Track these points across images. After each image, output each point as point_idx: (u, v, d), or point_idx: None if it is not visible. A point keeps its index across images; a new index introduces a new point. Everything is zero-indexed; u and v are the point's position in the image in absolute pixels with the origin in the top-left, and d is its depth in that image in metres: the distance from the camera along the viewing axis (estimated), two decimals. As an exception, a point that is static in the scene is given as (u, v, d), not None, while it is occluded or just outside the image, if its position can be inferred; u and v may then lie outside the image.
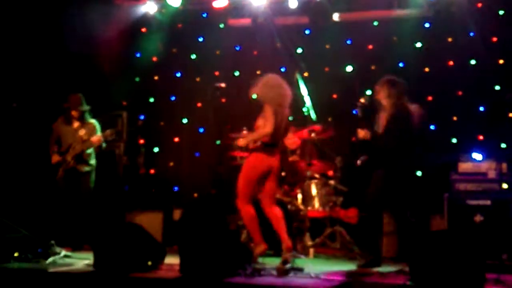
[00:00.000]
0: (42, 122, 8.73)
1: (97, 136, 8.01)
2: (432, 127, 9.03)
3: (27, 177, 8.59)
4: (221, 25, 10.02)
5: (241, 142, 7.06)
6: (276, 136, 6.82)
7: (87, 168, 8.13)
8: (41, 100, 8.83)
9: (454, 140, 8.93)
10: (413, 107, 6.84)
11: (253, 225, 6.86)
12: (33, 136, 8.67)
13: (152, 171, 10.02)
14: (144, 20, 9.94)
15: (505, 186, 7.36)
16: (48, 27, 8.61)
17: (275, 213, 6.89)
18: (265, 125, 6.78)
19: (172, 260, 6.57)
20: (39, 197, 8.58)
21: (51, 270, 6.29)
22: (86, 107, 8.19)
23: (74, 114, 8.13)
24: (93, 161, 8.20)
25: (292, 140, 8.72)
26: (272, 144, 6.84)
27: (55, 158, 8.10)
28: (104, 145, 8.18)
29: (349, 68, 9.53)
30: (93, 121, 8.26)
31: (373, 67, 9.26)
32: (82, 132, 8.11)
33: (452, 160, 7.77)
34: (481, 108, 8.92)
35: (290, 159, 8.75)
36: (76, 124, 8.17)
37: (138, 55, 10.30)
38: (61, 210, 7.94)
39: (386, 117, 6.78)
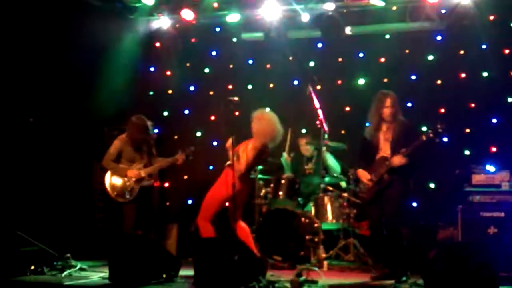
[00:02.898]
0: (59, 136, 8.82)
1: (181, 156, 7.96)
2: (445, 139, 9.03)
3: (44, 191, 8.65)
4: (234, 39, 10.10)
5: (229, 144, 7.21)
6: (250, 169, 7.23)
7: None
8: (58, 115, 8.90)
9: (467, 152, 8.93)
10: None
11: None
12: (49, 150, 8.74)
13: (166, 184, 10.08)
14: (158, 34, 10.03)
15: (518, 197, 7.36)
16: (64, 42, 8.69)
17: (244, 229, 7.21)
18: (242, 161, 7.08)
19: (187, 272, 6.61)
20: (56, 210, 8.65)
21: (67, 283, 6.31)
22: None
23: (145, 136, 7.92)
24: None
25: (306, 147, 8.80)
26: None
27: (134, 173, 7.80)
28: None
29: (361, 81, 9.58)
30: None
31: (385, 80, 9.27)
32: (143, 150, 7.99)
33: (465, 172, 7.76)
34: (494, 120, 8.91)
35: (306, 167, 8.79)
36: (138, 142, 7.93)
37: (152, 69, 10.39)
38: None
39: (397, 130, 6.77)
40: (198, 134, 10.26)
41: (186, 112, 10.44)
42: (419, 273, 6.21)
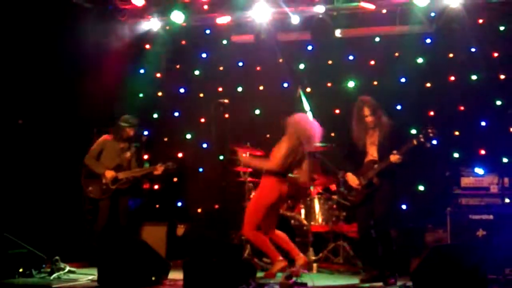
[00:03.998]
0: (48, 139, 8.79)
1: (160, 167, 8.09)
2: (434, 141, 9.05)
3: (33, 193, 8.61)
4: (224, 42, 10.10)
5: (245, 160, 7.18)
6: (287, 168, 7.01)
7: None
8: (47, 117, 8.87)
9: (456, 155, 8.96)
10: None
11: (266, 245, 6.96)
12: (38, 152, 8.71)
13: (156, 186, 10.06)
14: (148, 36, 10.00)
15: (507, 200, 7.37)
16: (54, 44, 8.66)
17: (281, 235, 7.09)
18: (273, 159, 6.97)
19: (176, 275, 6.59)
20: (45, 212, 8.61)
21: (55, 285, 6.29)
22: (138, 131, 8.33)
23: (130, 134, 8.15)
24: None
25: None
26: (282, 174, 7.01)
27: (111, 174, 8.02)
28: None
29: (351, 84, 9.59)
30: (134, 145, 8.31)
31: (375, 83, 9.31)
32: (127, 154, 8.16)
33: (454, 174, 7.79)
34: (483, 123, 8.96)
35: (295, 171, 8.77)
36: (122, 144, 8.16)
37: (142, 71, 10.37)
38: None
39: (383, 133, 6.79)
40: (188, 136, 10.25)
41: (176, 114, 10.43)
42: (408, 276, 6.23)
